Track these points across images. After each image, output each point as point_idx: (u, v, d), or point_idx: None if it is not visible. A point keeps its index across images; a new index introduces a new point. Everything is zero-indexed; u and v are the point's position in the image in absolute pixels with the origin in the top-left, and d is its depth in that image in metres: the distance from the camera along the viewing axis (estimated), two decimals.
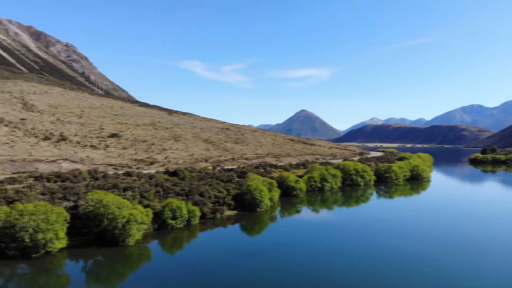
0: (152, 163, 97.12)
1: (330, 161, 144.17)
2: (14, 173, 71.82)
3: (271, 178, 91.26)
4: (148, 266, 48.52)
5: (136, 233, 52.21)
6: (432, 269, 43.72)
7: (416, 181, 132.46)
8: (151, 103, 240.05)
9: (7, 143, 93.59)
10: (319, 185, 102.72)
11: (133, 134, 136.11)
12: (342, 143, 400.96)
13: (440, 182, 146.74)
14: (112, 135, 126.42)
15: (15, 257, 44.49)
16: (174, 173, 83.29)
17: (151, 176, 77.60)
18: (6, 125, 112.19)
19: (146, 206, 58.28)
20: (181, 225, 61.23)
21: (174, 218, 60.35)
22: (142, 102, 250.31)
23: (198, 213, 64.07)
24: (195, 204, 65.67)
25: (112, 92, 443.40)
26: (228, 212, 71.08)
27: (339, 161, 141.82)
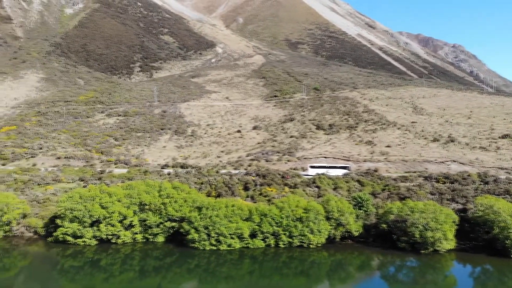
0: None
1: None
2: (405, 172, 79.79)
3: None
4: None
5: None
6: None
7: None
8: None
9: (399, 145, 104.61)
10: None
11: None
12: None
13: None
14: (504, 136, 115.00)
15: (405, 249, 49.58)
16: None
17: None
18: (398, 128, 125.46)
19: None
20: None
21: None
22: None
23: None
24: None
25: (503, 89, 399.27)
26: None
27: None
